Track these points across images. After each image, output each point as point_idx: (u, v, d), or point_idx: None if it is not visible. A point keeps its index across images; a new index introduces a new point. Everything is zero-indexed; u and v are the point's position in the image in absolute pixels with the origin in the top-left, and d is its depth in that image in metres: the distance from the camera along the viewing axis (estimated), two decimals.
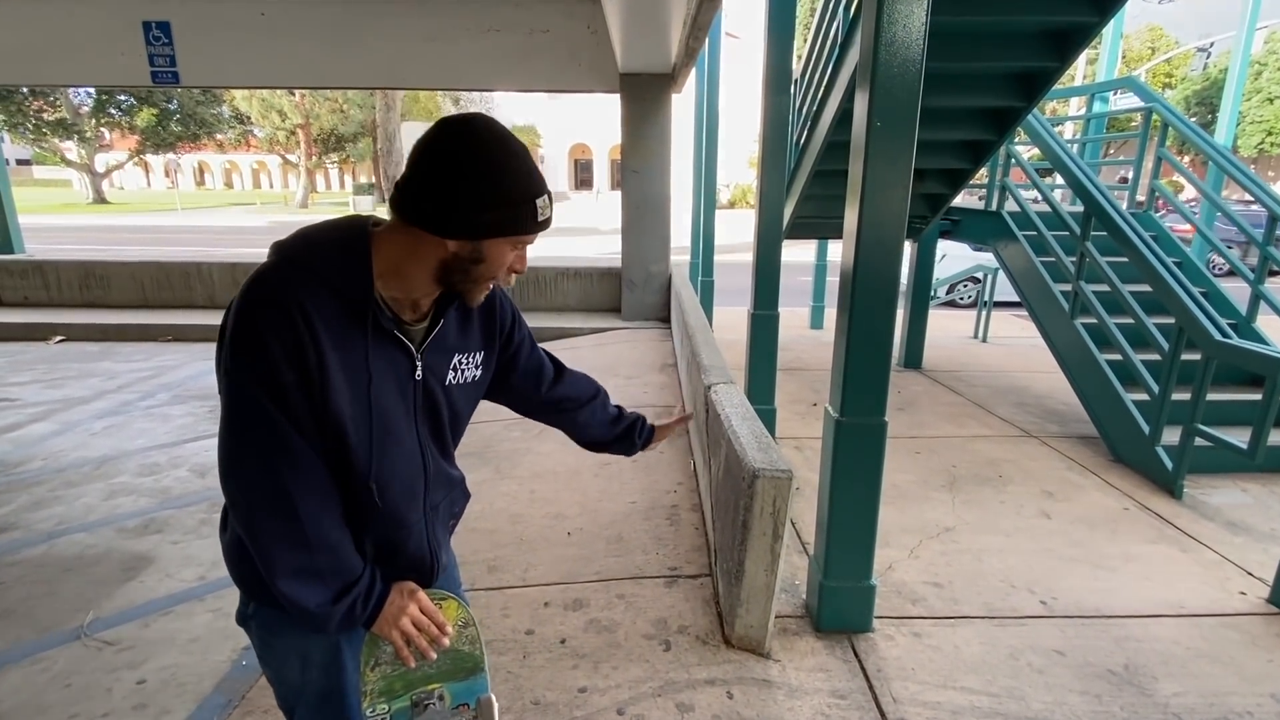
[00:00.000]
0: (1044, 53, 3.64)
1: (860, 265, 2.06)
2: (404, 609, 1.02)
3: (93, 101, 27.99)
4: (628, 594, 2.51)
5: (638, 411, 1.53)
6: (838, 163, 4.68)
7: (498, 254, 0.97)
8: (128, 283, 7.89)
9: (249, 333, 0.88)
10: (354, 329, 0.94)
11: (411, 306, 1.02)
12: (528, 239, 0.99)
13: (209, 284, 7.88)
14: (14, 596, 2.62)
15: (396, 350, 1.01)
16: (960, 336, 7.49)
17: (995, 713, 2.00)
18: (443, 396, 1.10)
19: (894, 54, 1.90)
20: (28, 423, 4.54)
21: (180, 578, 2.77)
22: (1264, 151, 26.05)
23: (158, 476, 3.72)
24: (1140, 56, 27.99)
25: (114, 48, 6.79)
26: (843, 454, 2.22)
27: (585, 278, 7.72)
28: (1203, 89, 26.04)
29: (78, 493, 3.51)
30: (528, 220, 0.95)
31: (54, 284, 7.86)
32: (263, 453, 0.91)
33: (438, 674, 1.10)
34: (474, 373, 1.15)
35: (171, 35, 6.76)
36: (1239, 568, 2.83)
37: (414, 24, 6.61)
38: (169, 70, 6.86)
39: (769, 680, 2.09)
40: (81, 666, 2.23)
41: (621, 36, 5.33)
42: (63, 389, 5.30)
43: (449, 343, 1.09)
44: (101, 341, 6.91)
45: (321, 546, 0.95)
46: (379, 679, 1.05)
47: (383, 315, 0.97)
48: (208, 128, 30.60)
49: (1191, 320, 3.45)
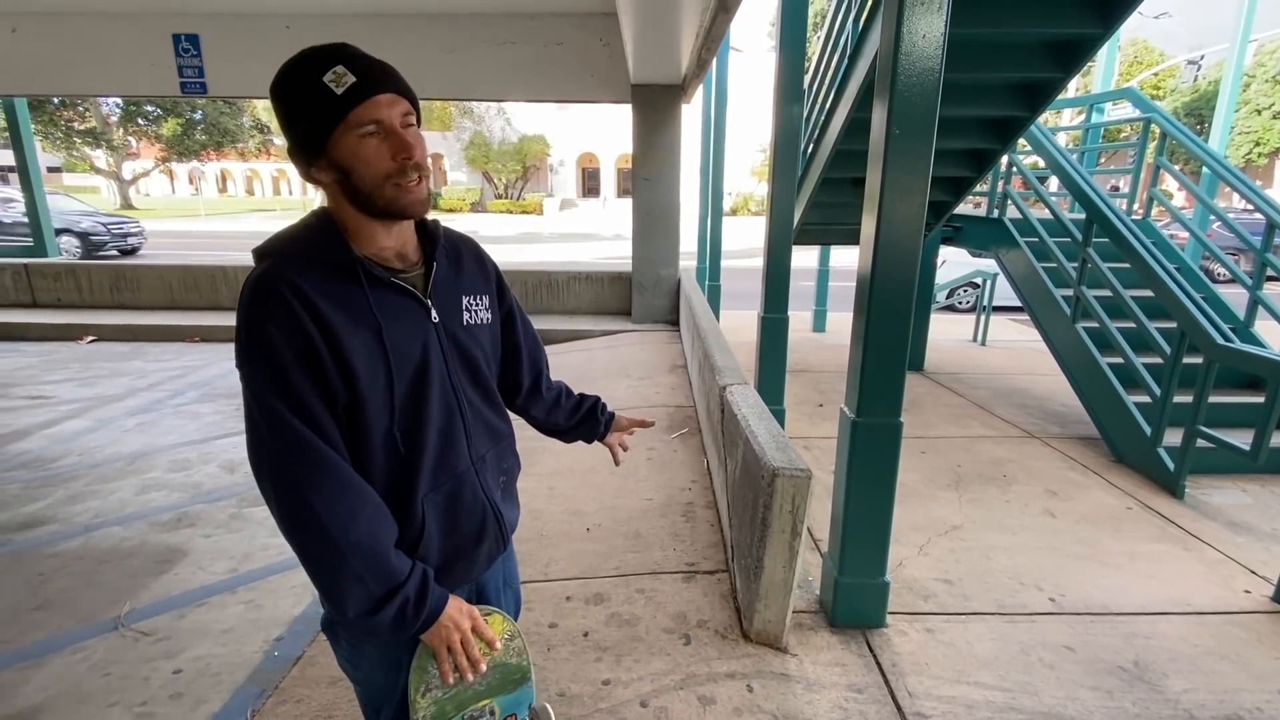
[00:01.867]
0: (1048, 64, 3.61)
1: (878, 270, 2.04)
2: (459, 624, 0.99)
3: (120, 111, 28.13)
4: (647, 589, 2.50)
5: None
6: (845, 170, 4.66)
7: (352, 156, 0.91)
8: (156, 285, 7.91)
9: (251, 330, 0.89)
10: (350, 287, 0.94)
11: (397, 257, 1.01)
12: (366, 123, 0.90)
13: (234, 286, 7.88)
14: (54, 587, 2.62)
15: (404, 297, 0.99)
16: (960, 340, 7.45)
17: (1009, 707, 1.97)
18: (466, 337, 1.07)
19: (913, 63, 1.88)
20: (62, 419, 4.55)
21: (212, 570, 2.76)
22: (1251, 161, 25.90)
23: (188, 472, 3.72)
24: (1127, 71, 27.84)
25: (145, 59, 6.81)
26: (858, 454, 2.19)
27: (596, 281, 7.71)
28: (1191, 100, 25.91)
29: (112, 487, 3.51)
30: (326, 105, 0.88)
31: (86, 286, 7.89)
32: (281, 464, 0.89)
33: (487, 689, 1.07)
34: (485, 315, 1.13)
35: (200, 47, 6.78)
36: (1242, 566, 2.79)
37: (433, 37, 6.61)
38: (197, 81, 6.88)
39: (787, 674, 2.07)
40: (120, 656, 2.23)
41: (635, 48, 5.32)
42: (95, 387, 5.32)
43: (453, 285, 1.08)
44: (131, 341, 6.93)
45: (354, 550, 0.90)
46: (430, 704, 1.02)
47: (373, 267, 0.96)
48: (230, 137, 30.71)
49: (1194, 324, 3.41)
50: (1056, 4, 3.31)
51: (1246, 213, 11.65)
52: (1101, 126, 6.06)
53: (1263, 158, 25.83)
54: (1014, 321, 8.59)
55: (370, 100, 0.90)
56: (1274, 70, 23.72)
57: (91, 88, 7.29)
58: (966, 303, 10.12)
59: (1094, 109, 6.54)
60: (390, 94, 0.92)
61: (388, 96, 0.92)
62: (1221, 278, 10.76)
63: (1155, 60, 28.43)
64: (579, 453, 3.79)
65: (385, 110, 0.91)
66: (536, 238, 22.36)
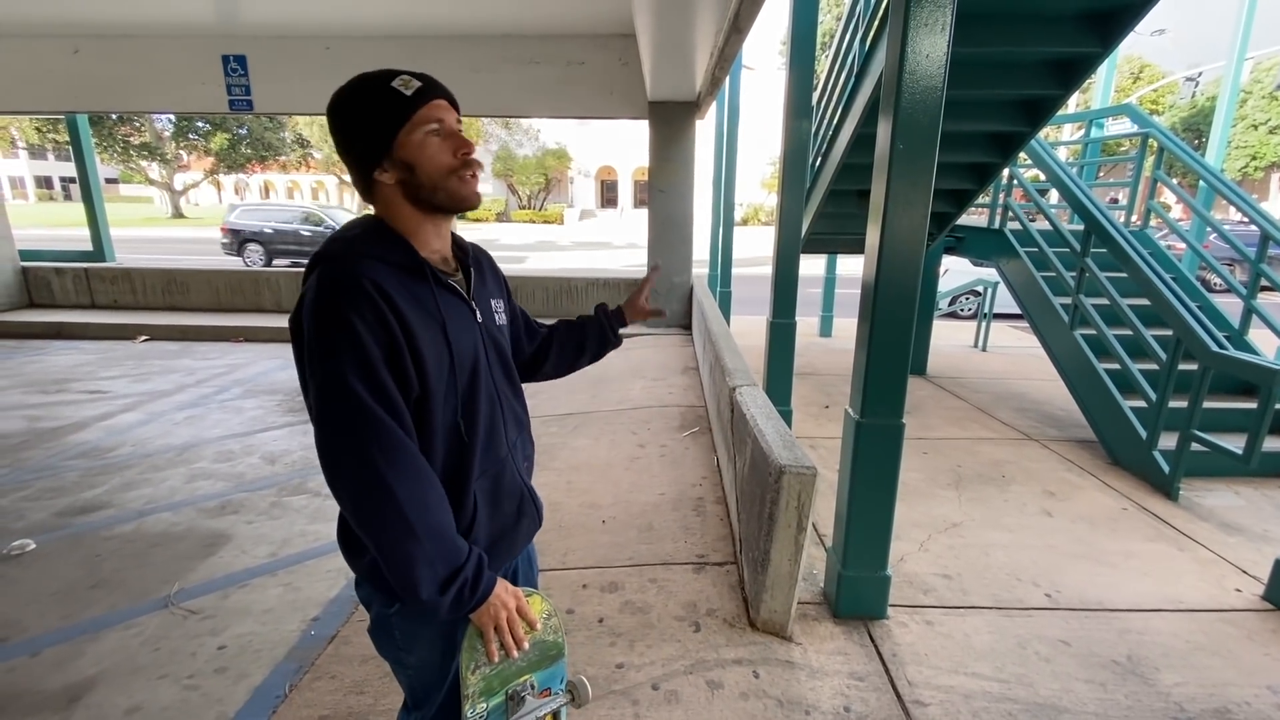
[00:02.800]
0: (1049, 81, 3.57)
1: (882, 278, 2.03)
2: (506, 604, 1.00)
3: (173, 127, 28.70)
4: (659, 578, 2.50)
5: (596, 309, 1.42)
6: (851, 183, 4.64)
7: (419, 152, 0.95)
8: (204, 288, 8.06)
9: (335, 321, 0.88)
10: (419, 286, 0.97)
11: (443, 261, 1.05)
12: (431, 121, 0.96)
13: (276, 290, 8.03)
14: (109, 567, 2.68)
15: (456, 299, 1.03)
16: (961, 345, 7.37)
17: (1005, 698, 1.95)
18: (501, 335, 1.13)
19: (917, 81, 1.88)
20: (118, 412, 4.65)
21: (254, 554, 2.81)
22: (1247, 175, 25.35)
23: (233, 463, 3.79)
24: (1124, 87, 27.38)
25: (196, 78, 6.96)
26: (862, 453, 2.19)
27: (614, 287, 7.74)
28: (1189, 116, 25.43)
29: (163, 476, 3.59)
30: (396, 105, 0.94)
31: (140, 289, 8.06)
32: (358, 444, 0.88)
33: (527, 665, 1.09)
34: (504, 317, 1.18)
35: (247, 67, 6.92)
36: (1234, 566, 2.74)
37: (461, 56, 6.69)
38: (244, 99, 7.01)
39: (792, 661, 2.07)
40: (169, 632, 2.28)
41: (652, 67, 5.34)
42: (148, 383, 5.43)
43: (486, 289, 1.12)
44: (181, 341, 7.07)
45: (428, 533, 0.90)
46: (479, 680, 1.03)
47: (436, 270, 1.00)
48: (273, 150, 31.21)
49: (1189, 332, 3.35)
50: (1056, 24, 3.28)
51: (1242, 225, 11.41)
52: (1101, 141, 5.97)
53: (1259, 171, 25.28)
54: (1014, 328, 8.48)
55: (434, 102, 0.97)
56: (1270, 86, 23.21)
57: (147, 105, 7.44)
58: (968, 310, 10.00)
59: (1093, 124, 6.44)
60: (446, 100, 1.00)
61: (445, 103, 0.99)
62: (1217, 287, 10.54)
63: (1155, 77, 27.95)
64: (595, 449, 3.82)
65: (444, 113, 0.98)
66: (553, 245, 22.52)
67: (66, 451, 3.91)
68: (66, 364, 5.99)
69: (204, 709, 1.92)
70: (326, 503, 3.25)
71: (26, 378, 5.51)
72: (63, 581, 2.58)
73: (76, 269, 8.05)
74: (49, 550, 2.81)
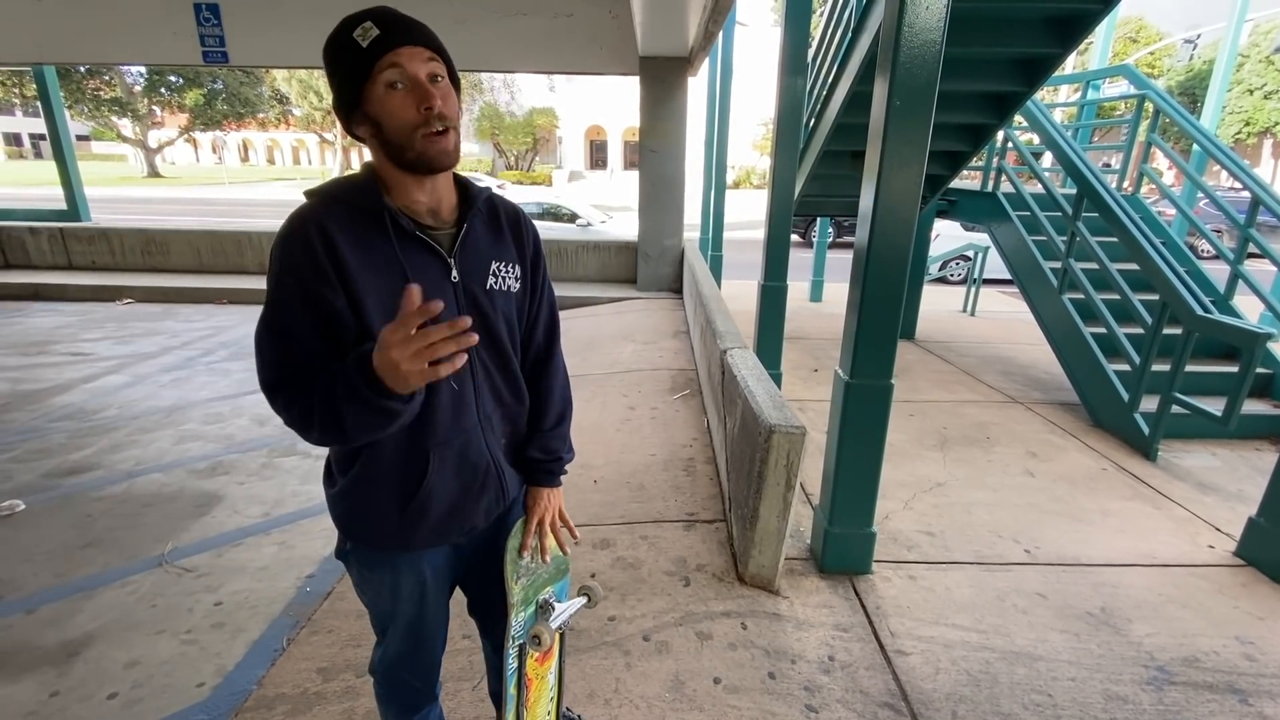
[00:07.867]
0: (1047, 39, 3.51)
1: (875, 239, 2.03)
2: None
3: (144, 81, 27.65)
4: (650, 535, 2.55)
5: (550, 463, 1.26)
6: (845, 143, 4.58)
7: (380, 108, 0.91)
8: (185, 249, 7.89)
9: (273, 252, 0.92)
10: (375, 232, 0.95)
11: (429, 213, 1.01)
12: (389, 74, 0.90)
13: (258, 251, 7.86)
14: (101, 527, 2.69)
15: (426, 253, 0.99)
16: (950, 310, 7.42)
17: (984, 647, 2.03)
18: (487, 300, 1.04)
19: (915, 35, 1.84)
20: (102, 375, 4.60)
21: (247, 514, 2.83)
22: (1240, 140, 25.29)
23: (222, 424, 3.78)
24: (1121, 51, 26.98)
25: (167, 28, 6.66)
26: (851, 412, 2.22)
27: (604, 250, 7.66)
28: (1185, 79, 25.17)
29: (151, 438, 3.57)
30: (355, 59, 0.90)
31: (118, 250, 7.88)
32: (272, 339, 0.93)
33: (547, 577, 1.25)
34: (513, 283, 1.09)
35: (220, 17, 6.63)
36: (1208, 524, 2.83)
37: (445, 8, 6.43)
38: (219, 50, 6.74)
39: (779, 614, 2.13)
40: (164, 590, 2.30)
41: (643, 20, 5.18)
42: (131, 345, 5.36)
43: (482, 249, 1.05)
44: (163, 303, 6.95)
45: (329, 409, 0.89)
46: (520, 589, 1.18)
47: (399, 217, 0.96)
48: (250, 107, 30.22)
49: (1175, 296, 3.39)
50: None
51: (1234, 190, 11.43)
52: (1097, 103, 5.91)
53: (1252, 137, 25.21)
54: (1002, 294, 8.54)
55: (393, 52, 0.90)
56: (1268, 49, 22.96)
57: (115, 56, 7.15)
58: (958, 275, 10.04)
59: (1090, 85, 6.37)
60: (415, 47, 0.91)
61: (412, 50, 0.91)
62: (1206, 254, 10.62)
63: (1152, 38, 27.54)
64: (586, 410, 3.84)
65: (408, 62, 0.90)
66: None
67: (51, 414, 3.88)
68: (46, 326, 5.89)
69: (203, 662, 1.96)
70: (318, 464, 3.26)
71: (5, 339, 5.42)
72: (55, 541, 2.59)
73: (51, 229, 7.83)
74: (39, 511, 2.81)
